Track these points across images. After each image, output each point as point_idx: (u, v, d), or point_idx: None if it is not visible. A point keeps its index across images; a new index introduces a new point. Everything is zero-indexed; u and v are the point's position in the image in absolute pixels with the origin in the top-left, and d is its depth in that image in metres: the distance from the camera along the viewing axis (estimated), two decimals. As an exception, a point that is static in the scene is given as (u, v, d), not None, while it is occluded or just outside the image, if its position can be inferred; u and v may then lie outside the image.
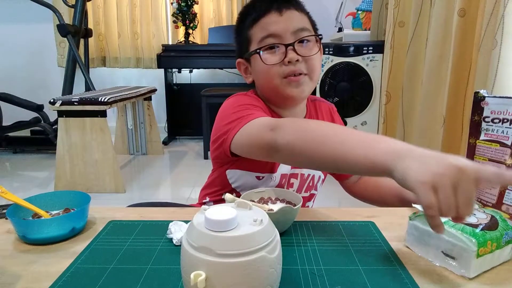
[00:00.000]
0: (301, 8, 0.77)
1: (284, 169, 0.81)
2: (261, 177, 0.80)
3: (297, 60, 0.73)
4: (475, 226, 0.50)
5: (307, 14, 0.79)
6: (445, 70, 1.68)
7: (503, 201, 0.57)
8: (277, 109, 0.82)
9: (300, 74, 0.74)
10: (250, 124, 0.68)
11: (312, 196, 0.89)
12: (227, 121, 0.73)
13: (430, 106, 1.80)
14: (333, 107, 0.93)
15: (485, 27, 1.42)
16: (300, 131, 0.58)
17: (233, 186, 0.83)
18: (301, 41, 0.74)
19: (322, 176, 0.88)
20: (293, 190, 0.83)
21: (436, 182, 0.41)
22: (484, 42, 1.44)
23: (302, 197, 0.79)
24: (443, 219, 0.51)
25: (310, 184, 0.86)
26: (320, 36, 0.77)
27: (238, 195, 0.78)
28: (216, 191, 0.86)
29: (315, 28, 0.80)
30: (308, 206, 0.89)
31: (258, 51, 0.75)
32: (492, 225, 0.50)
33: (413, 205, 0.56)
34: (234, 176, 0.82)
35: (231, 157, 0.74)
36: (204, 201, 0.88)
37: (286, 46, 0.73)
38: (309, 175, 0.84)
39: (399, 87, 2.11)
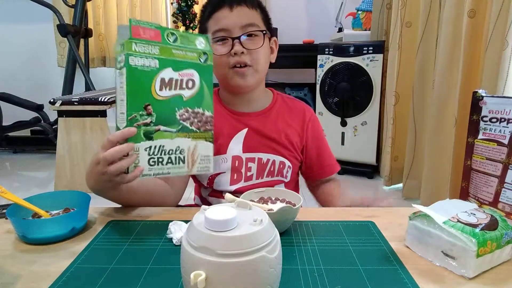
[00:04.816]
0: (252, 5, 0.82)
1: (235, 151, 0.84)
2: None
3: (242, 52, 0.79)
4: (475, 226, 0.50)
5: (260, 9, 0.84)
6: (456, 71, 1.68)
7: (499, 200, 0.57)
8: (231, 97, 0.88)
9: (246, 65, 0.80)
10: None
11: (281, 182, 0.88)
12: None
13: (442, 107, 1.80)
14: (310, 110, 0.94)
15: (492, 28, 1.42)
16: None
17: (198, 178, 0.89)
18: (249, 35, 0.80)
19: (288, 163, 0.87)
20: (252, 174, 0.84)
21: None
22: (491, 42, 1.44)
23: (267, 182, 0.84)
24: (443, 219, 0.51)
25: (272, 169, 0.86)
26: (264, 32, 0.82)
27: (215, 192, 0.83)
28: (196, 186, 0.93)
29: (268, 24, 0.86)
30: None
31: None
32: (492, 225, 0.51)
33: (413, 205, 0.56)
34: None
35: None
36: (194, 202, 0.94)
37: (233, 39, 0.79)
38: (268, 160, 0.85)
39: (408, 88, 2.11)
